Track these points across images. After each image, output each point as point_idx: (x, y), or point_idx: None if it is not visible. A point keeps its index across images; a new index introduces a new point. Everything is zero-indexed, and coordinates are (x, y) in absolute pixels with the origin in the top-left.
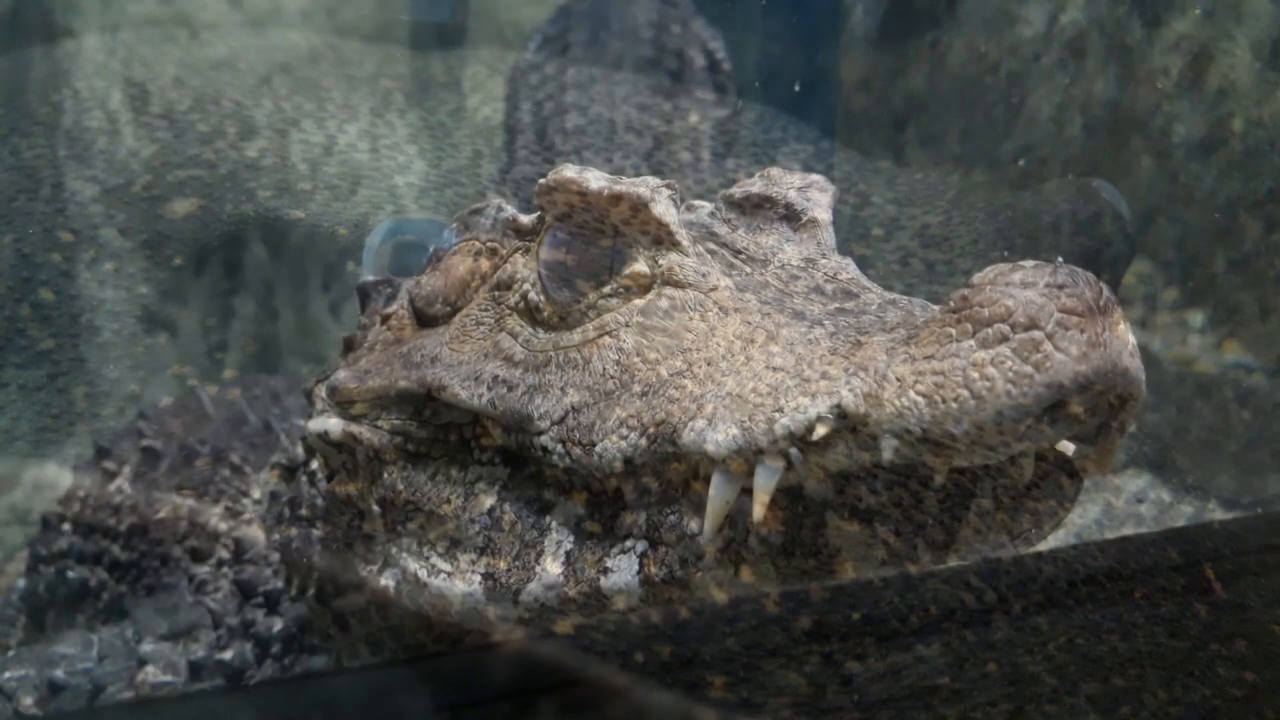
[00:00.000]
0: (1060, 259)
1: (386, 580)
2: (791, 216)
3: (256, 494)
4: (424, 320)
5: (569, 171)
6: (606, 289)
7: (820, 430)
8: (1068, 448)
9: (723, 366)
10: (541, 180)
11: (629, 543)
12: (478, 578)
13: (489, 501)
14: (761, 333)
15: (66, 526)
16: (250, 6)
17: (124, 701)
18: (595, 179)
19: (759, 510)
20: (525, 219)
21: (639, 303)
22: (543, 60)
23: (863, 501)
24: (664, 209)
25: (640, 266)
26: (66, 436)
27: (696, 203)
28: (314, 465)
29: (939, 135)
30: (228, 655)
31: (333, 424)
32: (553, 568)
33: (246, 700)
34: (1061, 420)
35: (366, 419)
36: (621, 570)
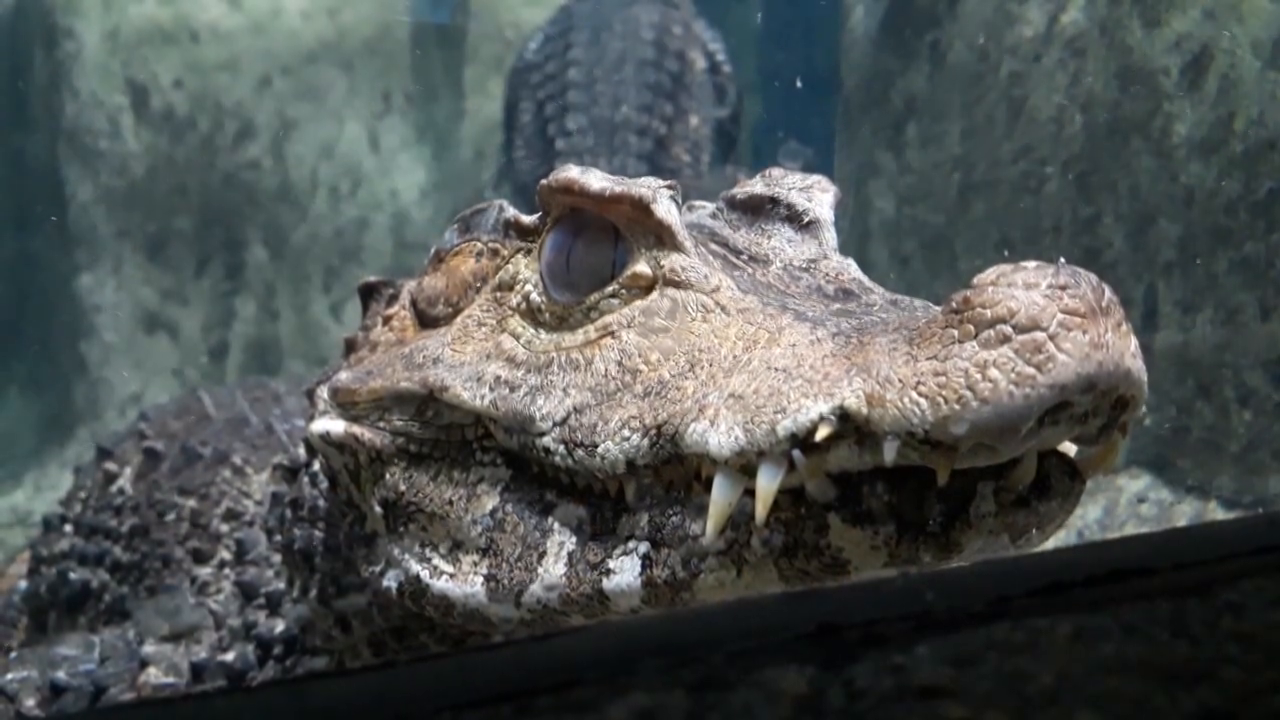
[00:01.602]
0: (1062, 259)
1: (388, 581)
2: (794, 217)
3: (258, 495)
4: (426, 321)
5: (571, 172)
6: (608, 290)
7: (823, 431)
8: (1069, 449)
9: (725, 367)
10: (543, 181)
11: (631, 544)
12: (480, 579)
13: (491, 502)
14: (764, 334)
15: (68, 528)
16: (251, 8)
17: (126, 703)
18: (597, 180)
19: (761, 511)
20: (527, 220)
21: (641, 304)
22: (543, 60)
23: (864, 503)
24: (666, 210)
25: (642, 267)
26: (67, 437)
27: (698, 203)
28: (316, 466)
29: (939, 135)
30: (229, 657)
31: (335, 425)
32: (555, 569)
33: (248, 702)
34: (1064, 421)
35: (368, 420)
36: (624, 571)
